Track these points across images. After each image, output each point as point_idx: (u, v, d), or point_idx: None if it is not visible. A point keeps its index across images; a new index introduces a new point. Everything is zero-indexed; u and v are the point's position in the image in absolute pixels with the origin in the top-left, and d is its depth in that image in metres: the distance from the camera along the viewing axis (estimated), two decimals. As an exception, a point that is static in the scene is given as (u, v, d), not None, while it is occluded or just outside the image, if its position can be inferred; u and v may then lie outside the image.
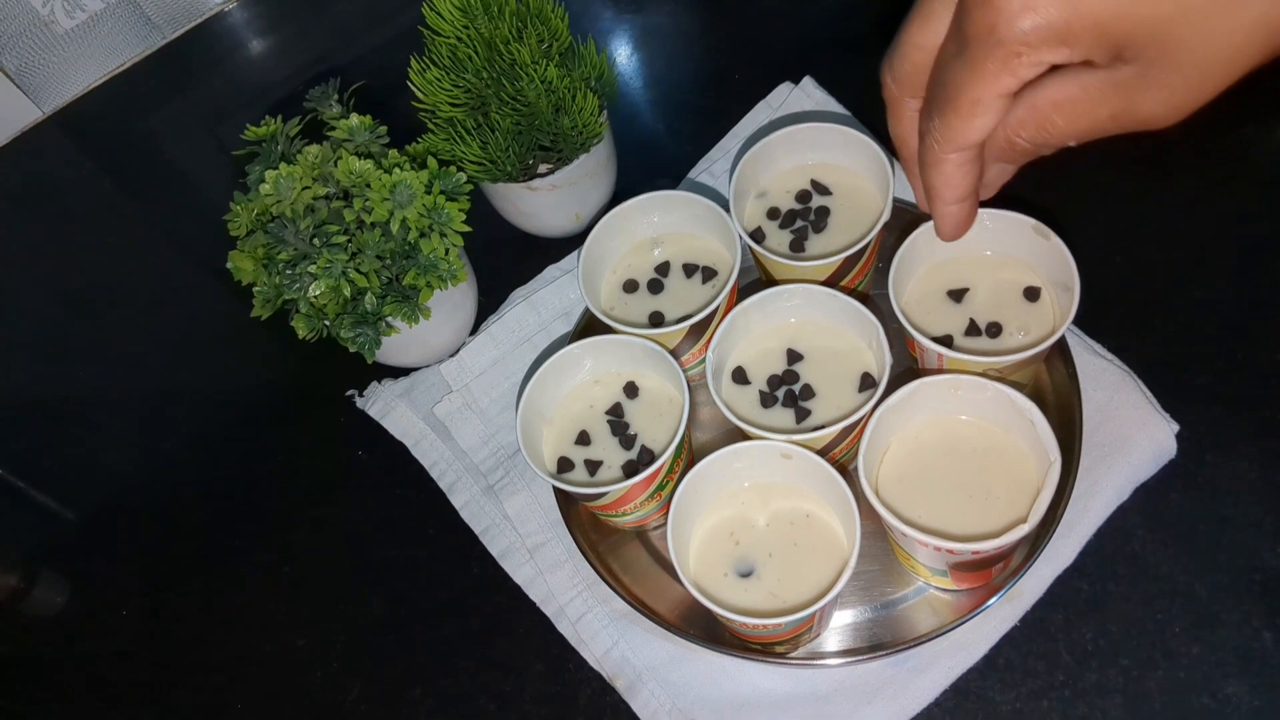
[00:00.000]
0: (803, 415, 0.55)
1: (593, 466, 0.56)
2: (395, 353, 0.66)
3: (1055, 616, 0.54)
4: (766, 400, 0.56)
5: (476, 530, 0.63)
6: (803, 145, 0.62)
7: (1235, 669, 0.51)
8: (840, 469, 0.50)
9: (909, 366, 0.59)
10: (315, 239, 0.59)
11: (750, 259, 0.64)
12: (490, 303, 0.70)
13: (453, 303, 0.65)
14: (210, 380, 0.75)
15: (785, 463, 0.52)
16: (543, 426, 0.58)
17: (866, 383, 0.55)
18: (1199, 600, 0.53)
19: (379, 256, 0.59)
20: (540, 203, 0.67)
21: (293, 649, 0.62)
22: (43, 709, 0.64)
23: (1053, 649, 0.54)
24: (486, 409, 0.66)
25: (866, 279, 0.63)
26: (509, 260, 0.72)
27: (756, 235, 0.61)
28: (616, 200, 0.63)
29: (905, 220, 0.60)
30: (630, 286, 0.62)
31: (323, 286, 0.57)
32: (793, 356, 0.57)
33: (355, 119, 0.63)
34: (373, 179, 0.59)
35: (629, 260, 0.63)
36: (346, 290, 0.58)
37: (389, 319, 0.60)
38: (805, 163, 0.63)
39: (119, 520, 0.70)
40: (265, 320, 0.60)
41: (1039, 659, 0.54)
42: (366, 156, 0.61)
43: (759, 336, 0.58)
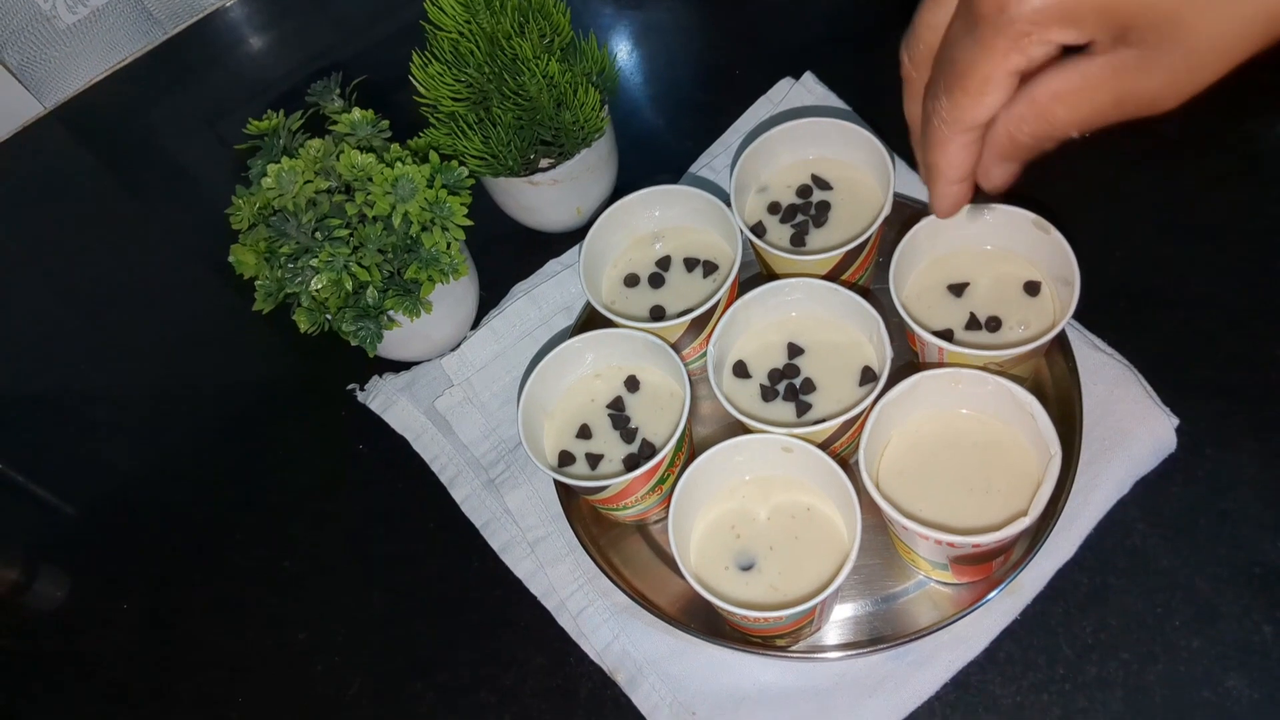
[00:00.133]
0: (803, 409, 0.55)
1: (594, 460, 0.56)
2: (396, 347, 0.66)
3: (1055, 610, 0.54)
4: (767, 394, 0.56)
5: (477, 524, 0.63)
6: (803, 140, 0.62)
7: (1235, 662, 0.51)
8: (841, 463, 0.50)
9: (909, 360, 0.59)
10: (317, 233, 0.59)
11: (751, 253, 0.64)
12: (491, 297, 0.70)
13: (454, 297, 0.65)
14: (211, 374, 0.75)
15: (786, 456, 0.52)
16: (544, 420, 0.58)
17: (867, 376, 0.55)
18: (1199, 594, 0.53)
19: (381, 250, 0.59)
20: (541, 197, 0.67)
21: (294, 643, 0.62)
22: (43, 704, 0.64)
23: (1053, 642, 0.54)
24: (487, 403, 0.67)
25: (867, 273, 0.63)
26: (510, 255, 0.72)
27: (757, 229, 0.61)
28: (617, 195, 0.63)
29: (906, 215, 0.60)
30: (631, 281, 0.62)
31: (324, 280, 0.58)
32: (794, 350, 0.57)
33: (357, 113, 0.63)
34: (375, 173, 0.59)
35: (630, 254, 0.63)
36: (348, 284, 0.58)
37: (390, 313, 0.60)
38: (806, 157, 0.63)
39: (120, 515, 0.70)
40: (267, 314, 0.60)
41: (1039, 652, 0.54)
42: (368, 151, 0.61)
43: (760, 330, 0.58)
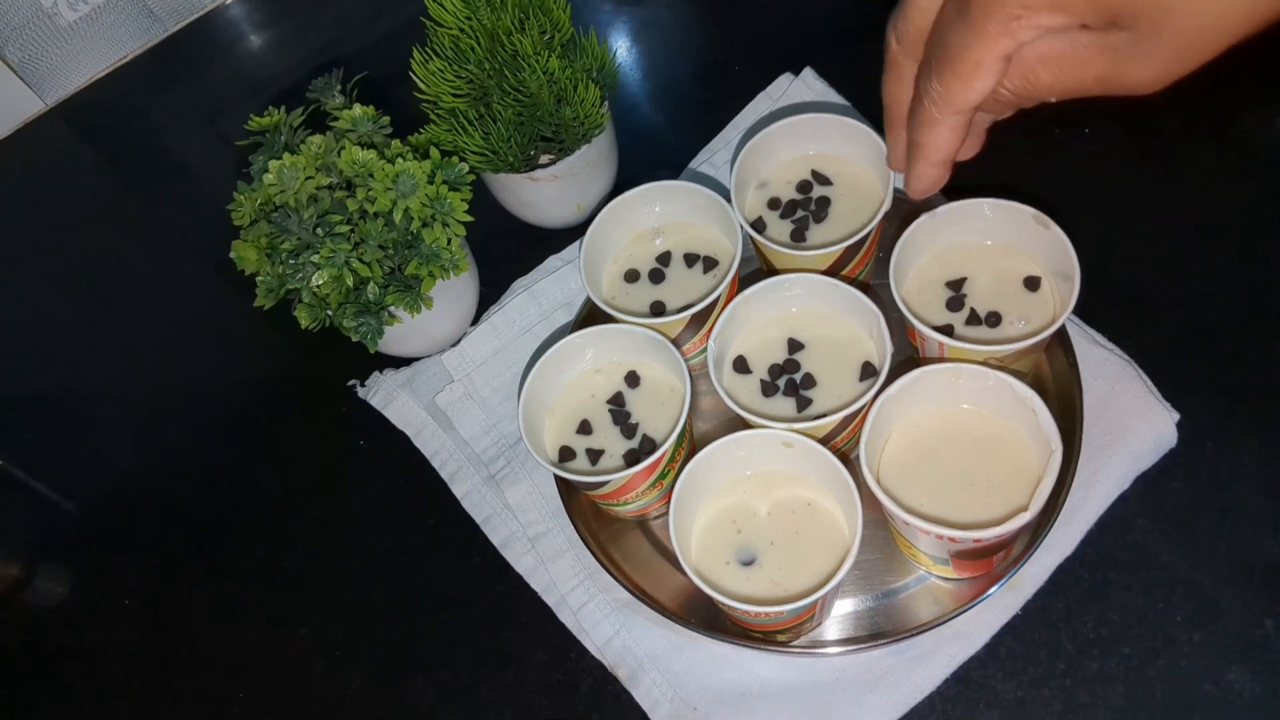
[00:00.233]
0: (804, 404, 0.55)
1: (594, 455, 0.56)
2: (397, 343, 0.66)
3: (1056, 605, 0.54)
4: (768, 389, 0.56)
5: (478, 520, 0.63)
6: (803, 136, 0.62)
7: (1236, 657, 0.51)
8: (842, 458, 0.50)
9: (910, 355, 0.59)
10: (318, 228, 0.59)
11: (751, 249, 0.64)
12: (492, 293, 0.70)
13: (454, 293, 0.65)
14: (212, 370, 0.75)
15: (787, 451, 0.52)
16: (544, 416, 0.58)
17: (868, 372, 0.55)
18: (1200, 589, 0.53)
19: (381, 246, 0.59)
20: (542, 193, 0.67)
21: (294, 639, 0.62)
22: (44, 700, 0.64)
23: (1054, 638, 0.54)
24: (488, 398, 0.67)
25: (867, 268, 0.63)
26: (510, 251, 0.72)
27: (757, 225, 0.61)
28: (618, 191, 0.63)
29: (905, 210, 0.60)
30: (631, 276, 0.62)
31: (325, 276, 0.58)
32: (794, 345, 0.57)
33: (358, 109, 0.63)
34: (375, 169, 0.59)
35: (630, 250, 0.63)
36: (349, 280, 0.58)
37: (391, 308, 0.60)
38: (806, 153, 0.63)
39: (120, 511, 0.70)
40: (268, 310, 0.60)
41: (1040, 647, 0.54)
42: (369, 147, 0.61)
43: (760, 326, 0.58)
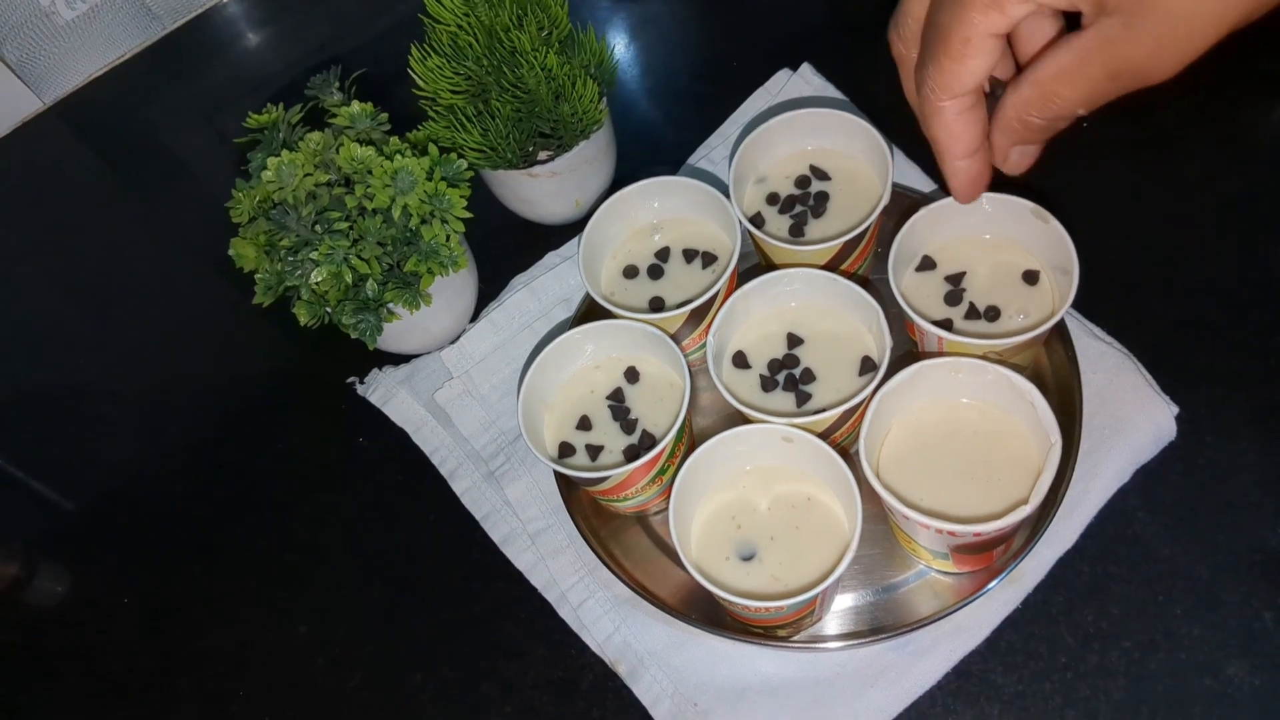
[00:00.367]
0: (803, 399, 0.55)
1: (594, 451, 0.56)
2: (396, 339, 0.66)
3: (1057, 599, 0.54)
4: (767, 384, 0.56)
5: (478, 516, 0.63)
6: (801, 131, 0.62)
7: (1237, 650, 0.51)
8: (841, 452, 0.50)
9: (909, 350, 0.59)
10: (317, 225, 0.59)
11: (750, 244, 0.64)
12: (491, 290, 0.70)
13: (453, 289, 0.65)
14: (211, 368, 0.75)
15: (786, 446, 0.52)
16: (544, 412, 0.58)
17: (867, 366, 0.55)
18: (1200, 581, 0.53)
19: (380, 243, 0.59)
20: (540, 189, 0.67)
21: (294, 637, 0.62)
22: (44, 698, 0.64)
23: (1054, 631, 0.54)
24: (487, 395, 0.67)
25: (866, 263, 0.63)
26: (509, 247, 0.72)
27: (756, 220, 0.61)
28: (616, 187, 0.63)
29: (904, 204, 0.60)
30: (630, 272, 0.62)
31: (324, 273, 0.58)
32: (793, 340, 0.57)
33: (356, 106, 0.63)
34: (374, 166, 0.59)
35: (629, 246, 0.63)
36: (348, 277, 0.58)
37: (390, 305, 0.60)
38: (804, 148, 0.63)
39: (119, 509, 0.70)
40: (266, 308, 0.60)
41: (1041, 641, 0.54)
42: (368, 143, 0.61)
43: (759, 321, 0.58)
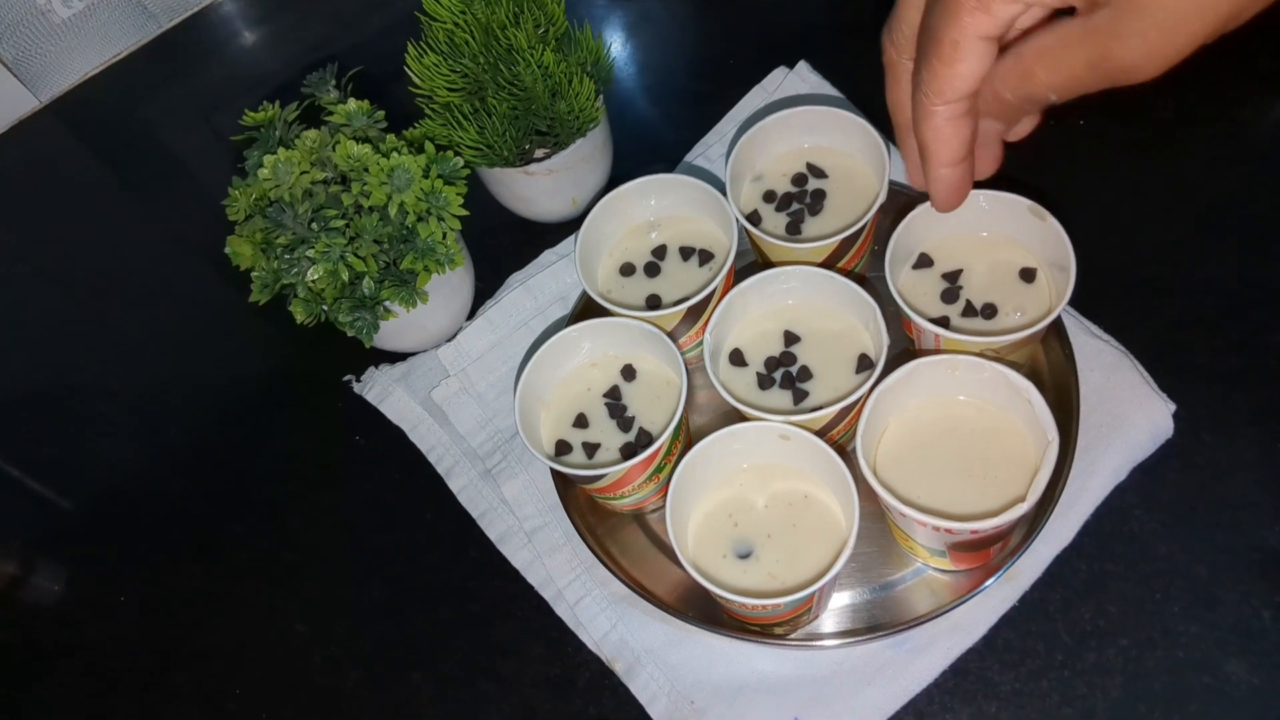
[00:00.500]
0: (800, 396, 0.55)
1: (590, 449, 0.56)
2: (392, 337, 0.66)
3: (1054, 597, 0.54)
4: (764, 382, 0.56)
5: (474, 514, 0.63)
6: (798, 129, 0.62)
7: (1234, 648, 0.51)
8: (838, 450, 0.50)
9: (906, 347, 0.59)
10: (313, 223, 0.59)
11: (747, 242, 0.64)
12: (487, 288, 0.70)
13: (450, 287, 0.65)
14: (208, 366, 0.75)
15: (783, 444, 0.52)
16: (540, 410, 0.58)
17: (864, 364, 0.55)
18: (1197, 579, 0.53)
19: (377, 241, 0.59)
20: (537, 187, 0.67)
21: (292, 634, 0.62)
22: (41, 696, 0.64)
23: (1051, 629, 0.54)
24: (484, 393, 0.66)
25: (863, 261, 0.63)
26: (506, 245, 0.72)
27: (753, 218, 0.61)
28: (613, 184, 0.63)
29: (901, 202, 0.60)
30: (627, 270, 0.62)
31: (321, 271, 0.57)
32: (790, 338, 0.57)
33: (353, 104, 0.62)
34: (370, 163, 0.59)
35: (626, 244, 0.63)
36: (344, 274, 0.58)
37: (387, 303, 0.60)
38: (801, 146, 0.63)
39: (117, 507, 0.70)
40: (263, 306, 0.60)
41: (1038, 639, 0.54)
42: (364, 141, 0.61)
43: (756, 318, 0.58)
